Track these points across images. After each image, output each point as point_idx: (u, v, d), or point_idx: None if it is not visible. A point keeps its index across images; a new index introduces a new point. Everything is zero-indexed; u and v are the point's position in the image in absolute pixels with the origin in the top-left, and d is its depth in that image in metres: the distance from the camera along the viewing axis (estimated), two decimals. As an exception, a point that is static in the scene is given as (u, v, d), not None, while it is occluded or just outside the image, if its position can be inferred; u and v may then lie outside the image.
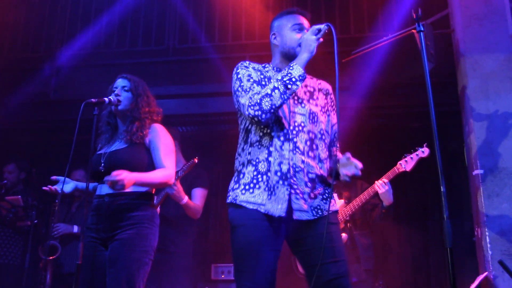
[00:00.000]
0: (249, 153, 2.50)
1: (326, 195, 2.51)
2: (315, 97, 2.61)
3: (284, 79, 2.39)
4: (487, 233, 3.50)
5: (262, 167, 2.44)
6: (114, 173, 2.78)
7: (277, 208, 2.38)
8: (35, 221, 4.75)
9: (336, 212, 2.56)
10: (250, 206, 2.42)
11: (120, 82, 3.24)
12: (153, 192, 3.19)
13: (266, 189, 2.41)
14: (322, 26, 2.52)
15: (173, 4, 5.94)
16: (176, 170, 4.01)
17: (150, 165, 3.14)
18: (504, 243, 3.45)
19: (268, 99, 2.37)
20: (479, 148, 3.66)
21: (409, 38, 3.90)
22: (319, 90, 2.65)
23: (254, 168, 2.46)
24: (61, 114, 5.75)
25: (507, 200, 3.53)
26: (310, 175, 2.45)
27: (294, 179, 2.41)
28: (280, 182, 2.40)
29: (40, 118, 5.92)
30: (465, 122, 3.94)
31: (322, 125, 2.56)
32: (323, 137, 2.55)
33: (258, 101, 2.37)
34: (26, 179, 5.39)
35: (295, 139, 2.44)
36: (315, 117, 2.54)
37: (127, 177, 2.80)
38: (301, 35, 2.58)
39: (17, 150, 6.10)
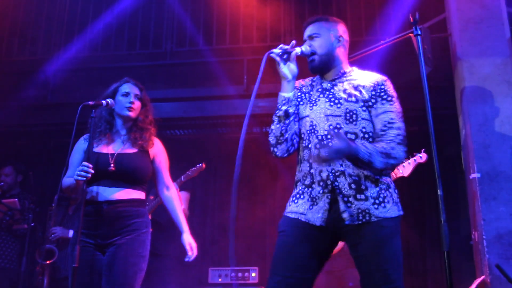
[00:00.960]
0: (299, 171, 2.52)
1: (381, 198, 2.34)
2: (357, 92, 2.45)
3: (276, 110, 2.50)
4: (484, 237, 3.50)
5: (307, 181, 2.45)
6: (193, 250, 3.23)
7: (317, 217, 2.36)
8: (32, 224, 4.73)
9: (392, 219, 2.33)
10: (292, 216, 2.44)
11: (133, 89, 3.25)
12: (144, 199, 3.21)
13: (309, 199, 2.41)
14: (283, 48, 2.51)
15: (171, 7, 5.95)
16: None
17: (152, 173, 3.25)
18: (501, 246, 3.45)
19: (271, 134, 2.51)
20: (476, 152, 3.67)
21: (406, 42, 3.91)
22: (367, 83, 2.48)
23: (301, 182, 2.49)
24: (58, 117, 5.74)
25: (504, 204, 3.54)
26: (353, 177, 2.35)
27: (336, 183, 2.35)
28: (321, 191, 2.38)
29: (37, 121, 5.92)
30: (462, 125, 3.95)
31: (365, 122, 2.41)
32: (369, 134, 2.40)
33: (269, 139, 2.53)
34: (23, 182, 5.38)
35: (330, 144, 2.33)
36: (354, 115, 2.41)
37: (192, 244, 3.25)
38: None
39: (14, 153, 6.10)
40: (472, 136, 3.70)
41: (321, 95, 2.51)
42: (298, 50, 2.50)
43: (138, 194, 3.11)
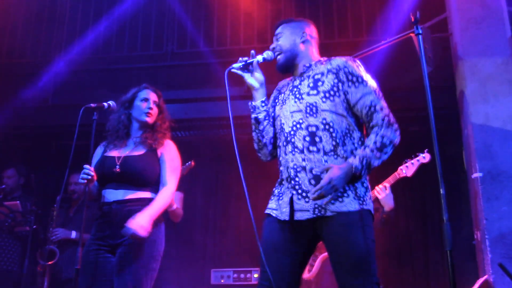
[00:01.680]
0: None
1: (339, 193, 2.31)
2: (319, 83, 2.44)
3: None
4: (486, 236, 3.50)
5: (279, 178, 2.53)
6: (132, 227, 2.86)
7: (282, 212, 2.42)
8: (34, 227, 4.73)
9: (349, 213, 2.29)
10: (267, 211, 2.54)
11: (152, 96, 3.30)
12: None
13: (277, 194, 2.50)
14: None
15: (172, 9, 5.95)
16: None
17: (159, 174, 3.21)
18: (503, 246, 3.45)
19: (254, 142, 2.63)
20: (478, 151, 3.66)
21: (407, 41, 3.92)
22: (328, 71, 2.45)
23: (278, 179, 2.56)
24: (60, 119, 5.74)
25: (507, 203, 3.53)
26: (314, 171, 2.35)
27: (297, 179, 2.39)
28: (286, 185, 2.44)
29: (39, 123, 5.92)
30: (464, 125, 3.95)
31: (325, 113, 2.38)
32: (330, 125, 2.37)
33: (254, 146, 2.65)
34: (24, 185, 5.38)
35: (293, 139, 2.43)
36: (315, 108, 2.40)
37: (143, 221, 2.91)
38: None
39: (16, 155, 6.10)
40: (473, 135, 3.70)
41: (290, 93, 2.56)
42: (259, 58, 2.57)
43: (147, 195, 3.12)
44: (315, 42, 2.68)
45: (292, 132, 2.44)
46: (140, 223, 2.89)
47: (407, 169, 3.86)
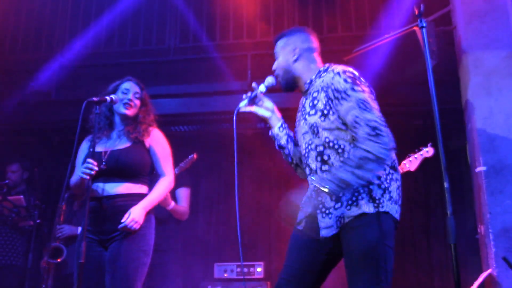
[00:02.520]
0: None
1: (354, 197, 2.28)
2: (316, 102, 2.40)
3: None
4: (490, 230, 3.49)
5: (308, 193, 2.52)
6: (125, 220, 2.93)
7: (310, 230, 2.40)
8: (38, 221, 4.74)
9: (363, 215, 2.24)
10: (297, 226, 2.50)
11: (132, 87, 3.26)
12: (147, 192, 3.21)
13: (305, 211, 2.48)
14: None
15: (174, 3, 5.93)
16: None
17: (151, 164, 3.21)
18: (507, 240, 3.44)
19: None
20: (481, 145, 3.65)
21: (411, 35, 3.90)
22: (321, 89, 2.38)
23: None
24: (63, 114, 5.75)
25: (510, 197, 3.52)
26: None
27: (319, 198, 2.37)
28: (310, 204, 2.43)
29: (42, 118, 5.93)
30: (468, 119, 3.94)
31: (326, 133, 2.34)
32: (334, 143, 2.33)
33: None
34: (28, 179, 5.39)
35: (308, 161, 2.43)
36: (316, 128, 2.38)
37: (137, 216, 2.96)
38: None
39: (19, 150, 6.11)
40: (477, 129, 3.69)
41: (301, 114, 2.54)
42: (261, 88, 2.56)
43: (138, 188, 3.12)
44: (311, 54, 2.55)
45: (306, 155, 2.44)
46: (133, 216, 2.94)
47: (411, 163, 3.85)
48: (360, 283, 2.18)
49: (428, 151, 3.83)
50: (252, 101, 2.55)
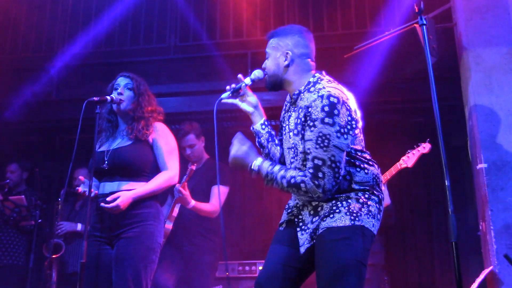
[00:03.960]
0: None
1: (332, 210, 2.26)
2: (298, 121, 2.32)
3: None
4: (491, 227, 3.48)
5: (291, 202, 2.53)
6: (110, 199, 2.93)
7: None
8: (39, 221, 4.75)
9: (338, 228, 2.21)
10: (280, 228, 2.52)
11: (122, 81, 3.24)
12: None
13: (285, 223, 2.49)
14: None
15: (174, 2, 5.93)
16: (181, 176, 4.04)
17: (155, 162, 3.18)
18: (509, 237, 3.43)
19: None
20: (482, 142, 3.64)
21: (411, 32, 3.88)
22: (304, 108, 2.29)
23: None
24: (64, 113, 5.75)
25: (512, 194, 3.52)
26: (313, 203, 2.34)
27: (300, 216, 2.38)
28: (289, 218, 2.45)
29: (42, 118, 5.93)
30: (469, 116, 3.92)
31: (303, 155, 2.29)
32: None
33: None
34: (28, 179, 5.39)
35: None
36: (295, 150, 2.33)
37: (122, 202, 2.92)
38: None
39: (20, 149, 6.11)
40: (478, 126, 3.67)
41: (284, 124, 2.48)
42: (247, 80, 2.47)
43: (142, 186, 3.10)
44: (304, 60, 2.43)
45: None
46: (119, 201, 2.92)
47: (408, 159, 3.86)
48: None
49: (425, 147, 3.84)
50: (236, 93, 2.47)
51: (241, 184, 5.72)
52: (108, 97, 3.09)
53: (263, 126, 2.53)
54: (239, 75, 2.49)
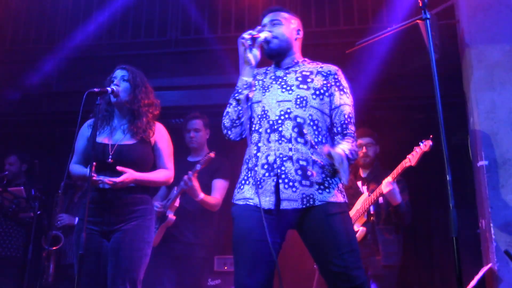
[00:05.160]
0: (246, 154, 2.58)
1: (327, 184, 2.42)
2: (309, 80, 2.55)
3: (234, 93, 2.59)
4: (491, 225, 3.48)
5: (251, 163, 2.50)
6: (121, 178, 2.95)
7: (265, 201, 2.41)
8: (38, 213, 4.75)
9: (337, 203, 2.41)
10: (241, 202, 2.49)
11: (118, 73, 3.25)
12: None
13: (254, 183, 2.45)
14: (253, 32, 2.60)
15: (176, -5, 5.91)
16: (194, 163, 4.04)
17: (154, 164, 3.25)
18: (508, 234, 3.43)
19: (227, 117, 2.59)
20: (483, 139, 3.63)
21: (413, 28, 3.87)
22: (318, 72, 2.59)
23: (246, 166, 2.55)
24: (64, 105, 5.73)
25: (512, 192, 3.51)
26: (301, 162, 2.39)
27: (282, 168, 2.39)
28: (267, 174, 2.42)
29: (42, 110, 5.91)
30: (470, 113, 3.92)
31: (313, 110, 2.48)
32: (315, 122, 2.47)
33: (223, 121, 2.62)
34: (28, 171, 5.39)
35: (280, 128, 2.45)
36: (304, 101, 2.49)
37: (128, 178, 2.97)
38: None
39: (20, 141, 6.10)
40: (480, 123, 3.67)
41: (274, 82, 2.59)
42: (262, 36, 2.58)
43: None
44: (301, 42, 2.78)
45: (279, 121, 2.46)
46: (126, 178, 2.96)
47: (413, 157, 3.80)
48: (344, 264, 2.30)
49: (426, 145, 3.77)
50: (253, 41, 2.56)
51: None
52: (109, 89, 3.08)
53: (253, 83, 2.61)
54: (259, 26, 2.64)
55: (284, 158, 2.40)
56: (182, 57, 5.73)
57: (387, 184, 3.84)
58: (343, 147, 2.39)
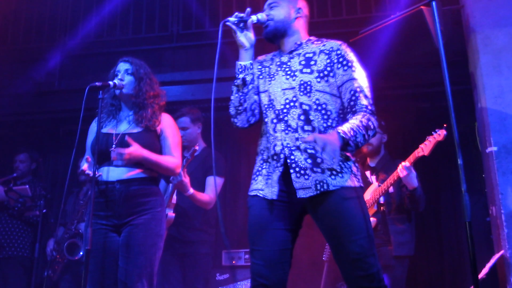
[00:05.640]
0: (258, 145, 2.54)
1: (339, 168, 2.34)
2: (312, 62, 2.45)
3: (234, 79, 2.53)
4: (502, 211, 3.43)
5: (265, 155, 2.47)
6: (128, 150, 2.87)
7: (270, 191, 2.39)
8: (44, 211, 4.73)
9: (352, 188, 2.34)
10: (253, 193, 2.47)
11: (122, 66, 3.21)
12: (157, 176, 3.18)
13: (266, 173, 2.43)
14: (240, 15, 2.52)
15: (176, -11, 5.87)
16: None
17: (160, 152, 3.17)
18: (520, 220, 3.39)
19: (231, 105, 2.56)
20: (492, 125, 3.58)
21: (417, 15, 3.82)
22: (321, 51, 2.47)
23: (260, 157, 2.51)
24: (67, 103, 5.71)
25: (522, 177, 3.46)
26: (309, 151, 2.34)
27: (292, 157, 2.35)
28: (276, 164, 2.40)
29: (45, 108, 5.90)
30: (477, 99, 3.87)
31: (319, 94, 2.39)
32: (322, 106, 2.38)
33: (229, 110, 2.58)
34: (35, 170, 5.37)
35: (286, 118, 2.40)
36: (308, 87, 2.40)
37: (137, 151, 2.90)
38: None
39: (24, 140, 6.09)
40: (487, 109, 3.62)
41: (279, 69, 2.52)
42: (254, 18, 2.51)
43: (150, 172, 3.08)
44: (307, 20, 2.66)
45: (285, 110, 2.42)
46: (132, 148, 2.90)
47: (425, 146, 3.70)
48: (360, 250, 2.25)
49: (440, 134, 3.67)
50: (242, 23, 2.49)
51: (244, 174, 5.67)
52: (111, 83, 3.05)
53: (251, 66, 2.54)
54: (248, 9, 2.52)
55: (292, 148, 2.36)
56: (183, 51, 5.71)
57: (404, 168, 3.72)
58: (343, 127, 2.26)
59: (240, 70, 2.52)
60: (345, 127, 2.26)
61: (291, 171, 2.34)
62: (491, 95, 3.63)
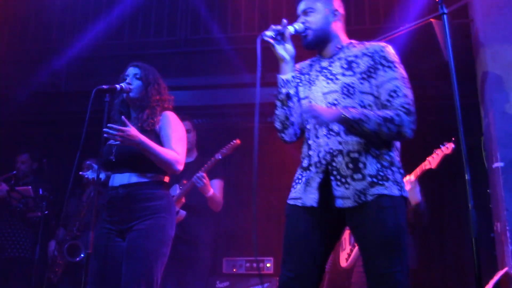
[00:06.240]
0: (301, 154, 2.48)
1: (380, 176, 2.24)
2: (354, 65, 2.37)
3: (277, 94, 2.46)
4: (507, 228, 3.40)
5: (304, 163, 2.41)
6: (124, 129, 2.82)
7: (310, 198, 2.31)
8: (46, 212, 4.72)
9: (390, 197, 2.22)
10: (291, 202, 2.41)
11: (131, 70, 3.20)
12: (167, 181, 3.13)
13: (305, 181, 2.36)
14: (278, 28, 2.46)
15: (185, -6, 5.88)
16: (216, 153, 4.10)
17: None
18: (525, 237, 3.36)
19: (276, 120, 2.47)
20: (499, 140, 3.56)
21: (427, 27, 3.82)
22: (363, 54, 2.38)
23: (300, 165, 2.45)
24: (73, 105, 5.72)
25: (528, 194, 3.43)
26: (351, 154, 2.26)
27: (333, 164, 2.28)
28: (316, 171, 2.32)
29: (51, 110, 5.91)
30: (485, 113, 3.85)
31: (363, 96, 2.31)
32: (367, 108, 2.30)
33: (275, 125, 2.49)
34: (37, 170, 5.37)
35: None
36: (352, 89, 2.32)
37: (134, 131, 2.83)
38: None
39: (29, 141, 6.09)
40: (495, 124, 3.60)
41: (319, 74, 2.45)
42: (291, 29, 2.44)
43: (155, 176, 3.04)
44: (344, 21, 2.56)
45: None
46: (129, 132, 2.83)
47: (433, 159, 3.66)
48: (390, 264, 2.17)
49: (448, 147, 3.63)
50: (280, 36, 2.42)
51: (248, 182, 5.65)
52: (118, 86, 3.04)
53: (293, 78, 2.46)
54: (284, 20, 2.44)
55: (334, 153, 2.28)
56: (191, 57, 5.71)
57: (408, 183, 3.70)
58: (355, 108, 2.25)
59: (282, 85, 2.44)
60: (357, 110, 2.23)
61: (332, 178, 2.27)
62: (499, 110, 3.61)
